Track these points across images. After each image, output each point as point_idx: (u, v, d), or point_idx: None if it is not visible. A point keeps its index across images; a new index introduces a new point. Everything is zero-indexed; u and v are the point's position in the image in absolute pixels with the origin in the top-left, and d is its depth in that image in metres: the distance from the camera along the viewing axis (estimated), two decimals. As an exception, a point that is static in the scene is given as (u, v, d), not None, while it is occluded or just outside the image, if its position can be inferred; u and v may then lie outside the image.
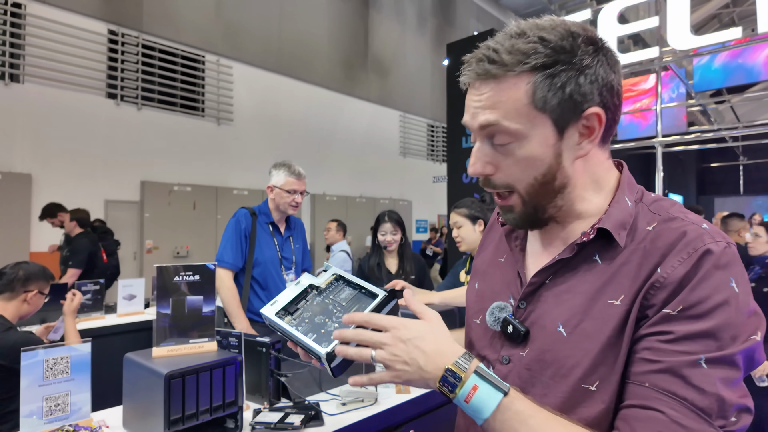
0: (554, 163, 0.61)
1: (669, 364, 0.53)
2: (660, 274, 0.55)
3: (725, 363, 0.52)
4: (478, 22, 13.56)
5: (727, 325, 0.52)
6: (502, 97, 0.59)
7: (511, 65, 0.58)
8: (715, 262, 0.54)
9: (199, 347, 1.35)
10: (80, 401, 1.38)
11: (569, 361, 0.59)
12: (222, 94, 8.05)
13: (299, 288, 0.80)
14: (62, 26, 6.25)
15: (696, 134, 6.21)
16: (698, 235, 0.56)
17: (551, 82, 0.57)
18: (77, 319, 2.85)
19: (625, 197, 0.63)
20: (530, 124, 0.59)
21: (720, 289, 0.53)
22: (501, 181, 0.63)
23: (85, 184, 6.48)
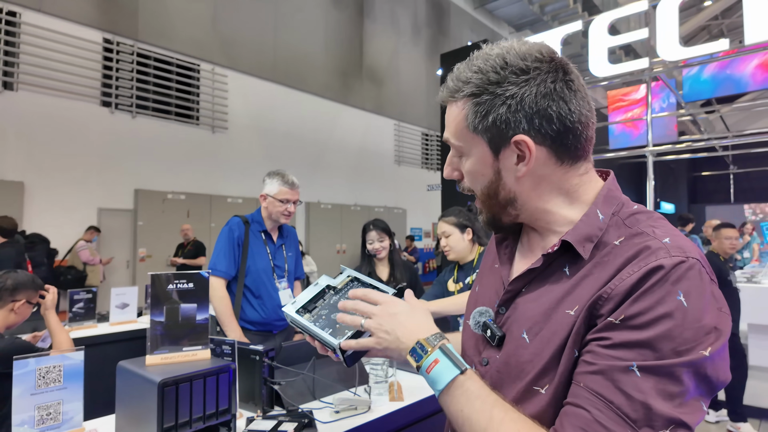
0: (495, 179, 0.67)
1: (602, 367, 0.54)
2: (608, 286, 0.57)
3: (661, 374, 0.51)
4: (472, 32, 13.72)
5: (667, 338, 0.52)
6: (450, 118, 0.69)
7: (453, 92, 0.67)
8: (663, 276, 0.54)
9: (193, 355, 1.35)
10: (72, 410, 1.38)
11: (528, 366, 0.63)
12: (217, 103, 8.07)
13: (317, 289, 0.87)
14: (57, 35, 6.26)
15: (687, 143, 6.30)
16: (654, 250, 0.57)
17: (477, 110, 0.64)
18: (69, 328, 2.83)
19: (597, 210, 0.64)
20: (469, 144, 0.67)
21: (663, 302, 0.53)
22: (466, 186, 0.72)
23: (78, 192, 6.46)
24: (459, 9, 13.46)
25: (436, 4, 12.80)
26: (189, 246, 6.79)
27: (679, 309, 0.52)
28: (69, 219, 6.32)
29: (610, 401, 0.52)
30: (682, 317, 0.52)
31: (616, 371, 0.53)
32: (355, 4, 10.66)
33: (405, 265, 2.78)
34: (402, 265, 2.73)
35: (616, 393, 0.52)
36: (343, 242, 10.31)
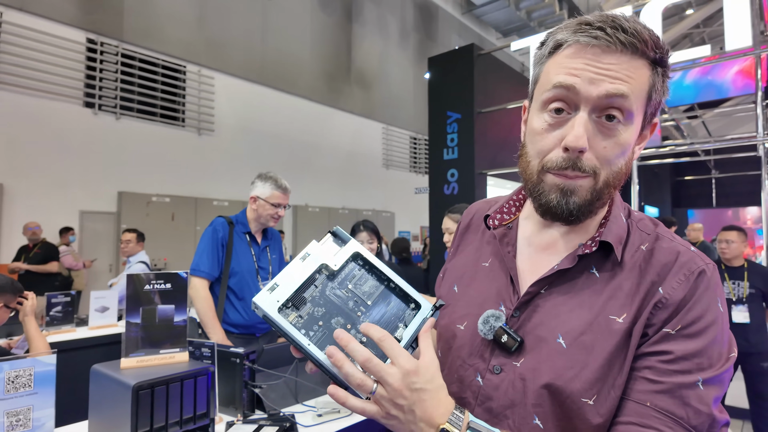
0: (630, 157, 0.62)
1: (669, 385, 0.54)
2: (662, 294, 0.57)
3: (717, 383, 0.55)
4: (460, 37, 13.80)
5: (715, 343, 0.55)
6: (634, 74, 0.57)
7: (649, 48, 0.57)
8: (707, 284, 0.57)
9: (171, 358, 1.31)
10: (44, 416, 1.33)
11: (568, 373, 0.58)
12: (203, 105, 7.99)
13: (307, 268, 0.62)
14: (39, 34, 6.15)
15: (670, 147, 6.39)
16: (690, 257, 0.59)
17: (662, 82, 0.60)
18: (46, 332, 2.75)
19: (621, 213, 0.66)
20: (639, 111, 0.59)
21: (710, 309, 0.56)
22: (590, 163, 0.59)
23: (59, 195, 6.33)
24: (447, 14, 13.55)
25: (424, 9, 12.87)
26: (36, 249, 5.50)
27: (720, 315, 0.57)
28: (50, 222, 6.19)
29: (680, 417, 0.53)
30: (722, 323, 0.57)
31: (683, 387, 0.54)
32: (344, 8, 10.67)
33: (393, 267, 2.76)
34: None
35: (685, 408, 0.54)
36: (330, 246, 10.24)
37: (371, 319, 0.61)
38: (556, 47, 0.62)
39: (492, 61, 6.23)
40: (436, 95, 6.13)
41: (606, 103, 0.57)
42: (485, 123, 5.87)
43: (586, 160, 0.58)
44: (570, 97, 0.58)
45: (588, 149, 0.58)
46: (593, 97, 0.57)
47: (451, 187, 5.83)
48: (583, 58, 0.58)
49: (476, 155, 5.66)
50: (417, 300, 0.62)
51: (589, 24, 0.58)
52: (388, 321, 0.62)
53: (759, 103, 4.43)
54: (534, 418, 0.60)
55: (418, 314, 0.62)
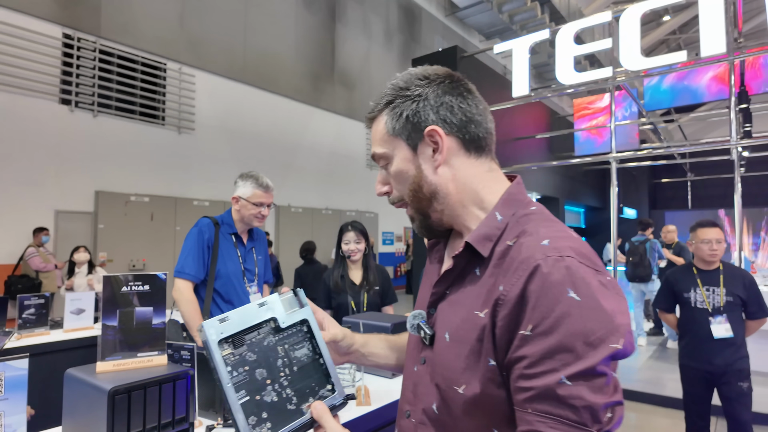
0: (417, 174, 0.74)
1: (539, 389, 0.55)
2: (501, 291, 0.61)
3: (587, 375, 0.54)
4: (443, 39, 13.88)
5: (574, 335, 0.54)
6: (374, 133, 0.78)
7: (374, 109, 0.78)
8: (546, 277, 0.57)
9: (149, 361, 1.28)
10: (15, 422, 1.28)
11: (447, 365, 0.67)
12: (184, 103, 7.87)
13: (260, 315, 0.68)
14: (13, 28, 5.97)
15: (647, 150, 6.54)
16: (532, 252, 0.60)
17: (392, 113, 0.75)
18: (18, 336, 2.67)
19: (497, 213, 0.70)
20: (392, 147, 0.75)
21: (560, 301, 0.55)
22: (395, 196, 0.78)
23: (34, 193, 6.15)
24: (430, 16, 13.61)
25: (408, 11, 12.91)
26: None
27: (574, 303, 0.55)
28: (23, 222, 6.01)
29: (560, 416, 0.54)
30: (579, 311, 0.55)
31: (553, 387, 0.54)
32: (327, 8, 10.63)
33: (378, 269, 2.76)
34: (375, 269, 2.71)
35: (562, 407, 0.54)
36: (313, 246, 10.19)
37: (291, 384, 0.66)
38: None
39: (475, 64, 6.28)
40: (420, 96, 6.14)
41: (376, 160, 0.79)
42: (468, 124, 5.91)
43: (393, 196, 0.79)
44: None
45: (390, 189, 0.78)
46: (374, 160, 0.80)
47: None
48: None
49: (459, 156, 5.70)
50: (334, 384, 0.70)
51: None
52: (302, 391, 0.67)
53: (732, 107, 4.56)
54: (433, 403, 0.70)
55: (329, 399, 0.68)
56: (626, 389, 4.55)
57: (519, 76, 5.10)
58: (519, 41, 5.18)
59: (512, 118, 7.00)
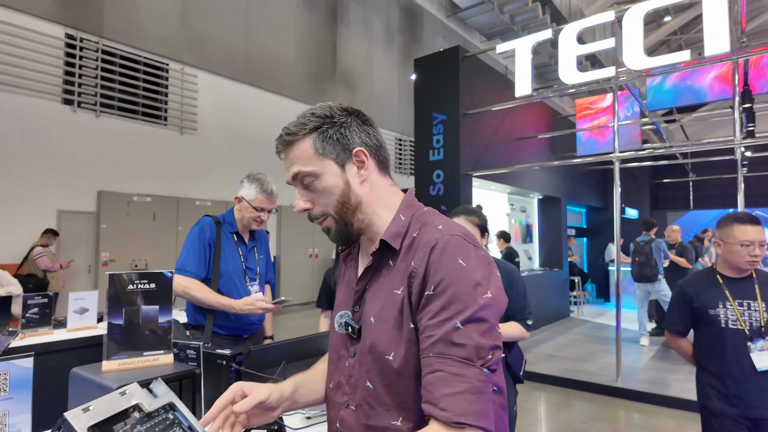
0: (346, 188, 0.85)
1: (439, 335, 0.72)
2: (413, 267, 0.78)
3: (476, 320, 0.71)
4: (444, 40, 13.88)
5: (462, 292, 0.73)
6: (297, 153, 0.86)
7: (298, 133, 0.86)
8: (441, 251, 0.76)
9: (155, 360, 1.27)
10: (20, 422, 1.27)
11: (376, 340, 0.81)
12: (186, 103, 7.87)
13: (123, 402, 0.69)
14: (16, 28, 5.98)
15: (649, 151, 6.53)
16: (432, 234, 0.80)
17: (323, 136, 0.85)
18: (22, 335, 2.66)
19: (401, 215, 0.87)
20: (320, 166, 0.85)
21: (452, 267, 0.74)
22: (318, 212, 0.87)
23: (36, 194, 6.16)
24: (432, 17, 13.61)
25: (410, 12, 12.91)
26: None
27: (461, 268, 0.74)
28: (26, 221, 6.02)
29: (453, 355, 0.71)
30: (463, 273, 0.74)
31: (449, 332, 0.71)
32: (329, 9, 10.63)
33: None
34: None
35: (455, 347, 0.71)
36: (315, 246, 10.20)
37: None
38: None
39: (477, 64, 6.27)
40: (422, 96, 6.15)
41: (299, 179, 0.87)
42: (470, 125, 5.91)
43: (314, 212, 0.88)
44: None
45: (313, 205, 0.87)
46: (290, 179, 0.89)
47: (437, 188, 5.84)
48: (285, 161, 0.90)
49: (461, 156, 5.69)
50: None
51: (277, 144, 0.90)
52: None
53: (736, 107, 4.55)
54: (366, 381, 0.82)
55: None
56: (629, 389, 4.54)
57: (522, 75, 5.09)
58: (521, 41, 5.17)
59: (514, 118, 6.99)
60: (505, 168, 6.13)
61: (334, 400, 0.90)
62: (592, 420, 4.06)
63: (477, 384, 0.70)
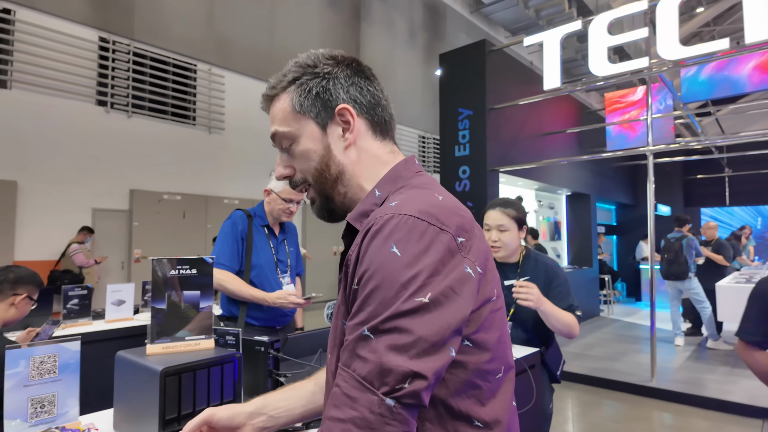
0: (326, 154, 0.72)
1: (349, 340, 0.55)
2: (348, 255, 0.62)
3: (387, 329, 0.51)
4: (468, 36, 13.75)
5: (380, 289, 0.53)
6: (275, 111, 0.75)
7: (277, 86, 0.75)
8: (374, 233, 0.56)
9: (196, 345, 1.29)
10: (68, 403, 1.31)
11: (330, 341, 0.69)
12: (213, 103, 8.01)
13: None
14: (51, 33, 6.19)
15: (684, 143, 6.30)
16: (372, 217, 0.60)
17: (300, 90, 0.72)
18: (63, 325, 2.76)
19: (376, 189, 0.70)
20: (298, 125, 0.73)
21: (377, 256, 0.54)
22: (298, 178, 0.76)
23: (71, 192, 6.37)
24: (455, 13, 13.50)
25: (432, 8, 12.84)
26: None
27: (392, 260, 0.53)
28: (62, 219, 6.23)
29: (352, 369, 0.53)
30: (392, 265, 0.53)
31: (355, 341, 0.54)
32: (352, 7, 10.66)
33: None
34: None
35: (355, 359, 0.53)
36: (339, 243, 10.24)
37: None
38: None
39: (503, 58, 6.19)
40: (448, 92, 6.10)
41: (277, 141, 0.76)
42: (497, 119, 5.83)
43: (296, 178, 0.76)
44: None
45: (294, 171, 0.76)
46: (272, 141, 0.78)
47: (462, 183, 5.79)
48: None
49: (488, 152, 5.62)
50: None
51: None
52: None
53: (778, 97, 4.35)
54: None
55: None
56: (663, 389, 4.41)
57: (550, 68, 5.00)
58: (550, 33, 5.08)
59: (541, 113, 6.87)
60: (532, 163, 6.03)
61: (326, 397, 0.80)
62: (625, 420, 3.96)
63: (367, 416, 0.50)
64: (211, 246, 7.72)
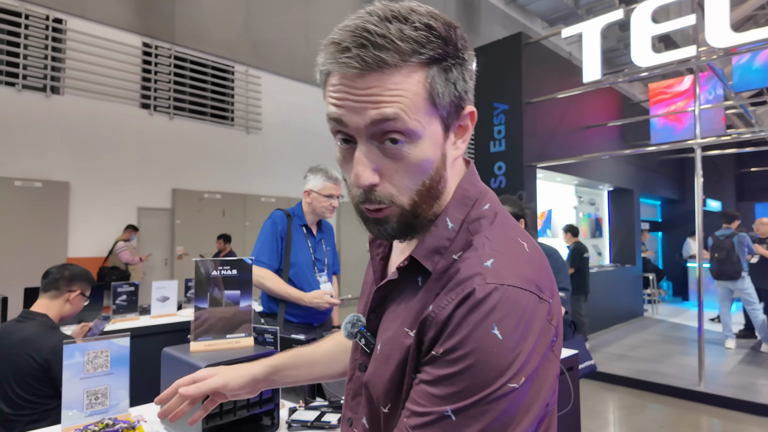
0: (441, 166, 0.56)
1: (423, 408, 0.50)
2: (430, 311, 0.53)
3: (474, 415, 0.48)
4: (503, 28, 13.48)
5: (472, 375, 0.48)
6: (399, 90, 0.50)
7: (407, 54, 0.50)
8: (473, 305, 0.49)
9: (236, 343, 1.33)
10: (119, 395, 1.39)
11: (373, 380, 0.60)
12: (251, 104, 8.20)
13: None
14: (100, 40, 6.49)
15: (736, 135, 5.95)
16: (471, 274, 0.51)
17: (446, 77, 0.53)
18: (113, 320, 2.90)
19: (447, 219, 0.58)
20: (426, 122, 0.53)
21: (472, 335, 0.48)
22: (384, 193, 0.55)
23: (119, 192, 6.67)
24: (490, 5, 13.26)
25: (467, 1, 12.65)
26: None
27: (491, 344, 0.48)
28: (110, 218, 6.54)
29: None
30: (492, 351, 0.48)
31: (434, 416, 0.49)
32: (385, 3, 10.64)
33: None
34: None
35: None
36: (374, 241, 10.30)
37: None
38: (327, 74, 0.57)
39: (540, 50, 6.04)
40: (482, 86, 6.00)
41: (379, 130, 0.52)
42: (534, 113, 5.70)
43: (381, 190, 0.54)
44: (344, 129, 0.54)
45: (381, 179, 0.54)
46: (362, 127, 0.52)
47: (498, 180, 5.70)
48: (343, 86, 0.52)
49: (525, 147, 5.51)
50: None
51: (338, 45, 0.52)
52: None
53: (842, 84, 4.06)
54: (363, 417, 0.63)
55: None
56: (713, 394, 4.20)
57: (590, 60, 4.83)
58: (589, 23, 4.91)
59: (581, 106, 6.67)
60: (571, 158, 5.86)
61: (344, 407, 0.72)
62: (671, 425, 3.81)
63: None
64: (249, 243, 7.92)
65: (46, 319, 1.96)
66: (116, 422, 1.31)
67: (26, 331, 1.87)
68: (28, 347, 1.82)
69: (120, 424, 1.30)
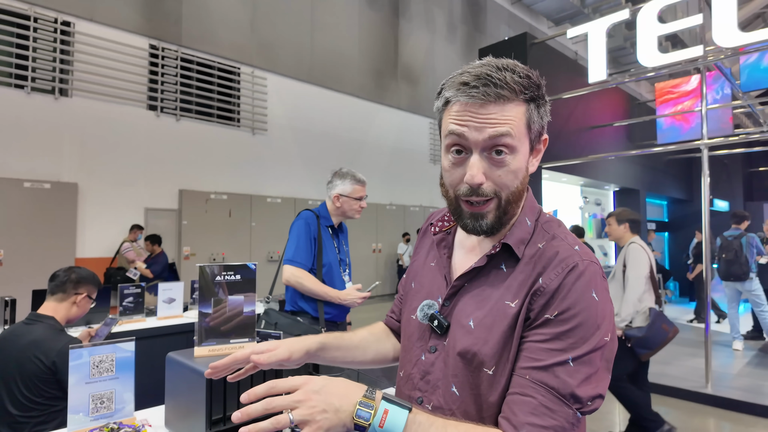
0: (525, 175, 0.78)
1: (544, 362, 0.67)
2: (541, 284, 0.71)
3: (587, 362, 0.67)
4: (509, 28, 13.44)
5: (584, 327, 0.67)
6: (510, 115, 0.72)
7: (516, 93, 0.72)
8: (578, 276, 0.70)
9: (240, 347, 1.34)
10: (124, 399, 1.40)
11: (474, 347, 0.74)
12: (257, 105, 8.23)
13: None
14: (107, 42, 6.55)
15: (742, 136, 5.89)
16: (570, 254, 0.73)
17: (538, 112, 0.75)
18: (120, 321, 2.93)
19: (526, 218, 0.80)
20: (521, 141, 0.74)
21: (583, 298, 0.69)
22: (489, 189, 0.74)
23: (127, 193, 6.73)
24: (495, 5, 13.22)
25: (472, 1, 12.62)
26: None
27: (593, 303, 0.69)
28: (118, 219, 6.60)
29: (552, 388, 0.66)
30: (595, 310, 0.69)
31: (556, 365, 0.67)
32: (390, 4, 10.65)
33: None
34: None
35: (557, 381, 0.66)
36: (378, 242, 10.31)
37: None
38: (446, 103, 0.77)
39: (546, 50, 6.01)
40: (488, 87, 5.98)
41: (491, 143, 0.72)
42: (539, 114, 5.66)
43: (486, 187, 0.74)
44: (463, 142, 0.73)
45: (486, 180, 0.74)
46: (480, 141, 0.72)
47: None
48: (467, 112, 0.72)
49: (530, 148, 5.48)
50: None
51: (466, 84, 0.72)
52: None
53: None
54: (452, 386, 0.76)
55: None
56: (721, 397, 4.17)
57: (595, 60, 4.80)
58: (595, 23, 4.88)
59: (587, 106, 6.63)
60: (577, 158, 5.83)
61: (404, 392, 0.85)
62: (677, 427, 3.78)
63: (565, 425, 0.65)
64: (255, 243, 7.96)
65: (53, 321, 1.98)
66: (121, 426, 1.33)
67: (34, 334, 1.89)
68: (36, 350, 1.84)
69: (125, 428, 1.32)
